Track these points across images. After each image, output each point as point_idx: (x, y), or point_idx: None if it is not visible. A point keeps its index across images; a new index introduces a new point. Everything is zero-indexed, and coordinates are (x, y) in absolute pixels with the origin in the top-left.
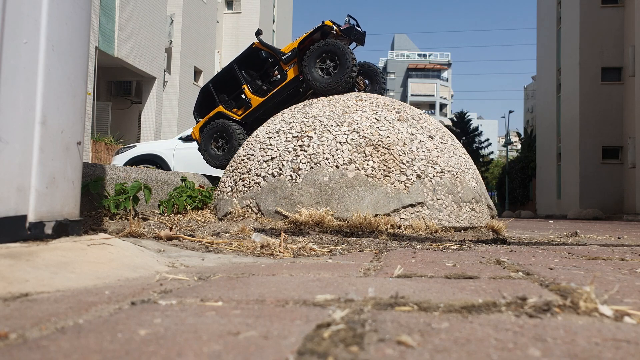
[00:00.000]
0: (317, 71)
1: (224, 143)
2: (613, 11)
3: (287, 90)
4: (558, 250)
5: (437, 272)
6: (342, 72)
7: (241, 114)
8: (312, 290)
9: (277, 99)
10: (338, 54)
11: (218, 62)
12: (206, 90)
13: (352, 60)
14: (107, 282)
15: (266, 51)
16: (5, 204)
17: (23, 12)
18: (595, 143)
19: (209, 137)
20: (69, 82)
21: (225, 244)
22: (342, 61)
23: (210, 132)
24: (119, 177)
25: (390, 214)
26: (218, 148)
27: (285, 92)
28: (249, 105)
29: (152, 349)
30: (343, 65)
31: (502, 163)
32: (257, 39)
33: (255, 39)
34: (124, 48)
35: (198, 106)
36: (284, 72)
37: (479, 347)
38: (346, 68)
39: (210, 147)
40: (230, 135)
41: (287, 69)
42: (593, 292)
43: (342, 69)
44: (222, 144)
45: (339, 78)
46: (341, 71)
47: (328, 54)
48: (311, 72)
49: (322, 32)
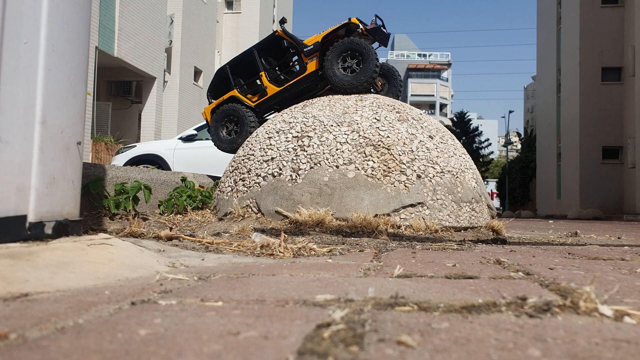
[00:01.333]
0: (338, 69)
1: (235, 127)
2: (613, 11)
3: (305, 83)
4: (558, 250)
5: (437, 272)
6: (364, 71)
7: (255, 101)
8: (312, 290)
9: (294, 90)
10: (362, 53)
11: (218, 62)
12: (222, 72)
13: (375, 60)
14: (107, 282)
15: (288, 41)
16: (5, 204)
17: (23, 12)
18: (595, 143)
19: (220, 120)
20: (69, 82)
21: (225, 244)
22: (365, 61)
23: (222, 115)
24: (119, 177)
25: (390, 214)
26: (229, 132)
27: (302, 85)
28: (264, 93)
29: (152, 349)
30: (366, 64)
31: (502, 163)
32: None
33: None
34: (124, 48)
35: (212, 87)
36: (304, 65)
37: (479, 347)
38: (368, 68)
39: (221, 130)
40: (242, 121)
41: (307, 62)
42: (593, 292)
43: (365, 69)
44: (232, 128)
45: (360, 77)
46: (363, 71)
47: (351, 52)
48: (332, 68)
49: (347, 29)
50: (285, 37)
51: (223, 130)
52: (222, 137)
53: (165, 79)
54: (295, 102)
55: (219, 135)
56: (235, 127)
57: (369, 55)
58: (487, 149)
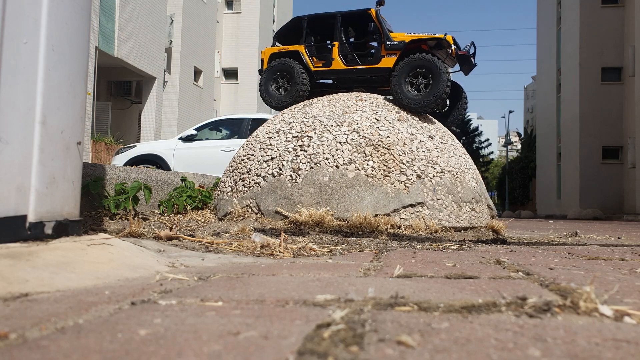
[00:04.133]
0: (406, 84)
1: (286, 85)
2: (613, 11)
3: (371, 74)
4: (558, 250)
5: (437, 272)
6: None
7: (317, 67)
8: (312, 290)
9: (357, 76)
10: (433, 73)
11: (218, 62)
12: (298, 22)
13: (447, 82)
14: (107, 282)
15: (376, 25)
16: (5, 204)
17: (23, 12)
18: (595, 143)
19: (271, 74)
20: (69, 82)
21: (225, 244)
22: (436, 81)
23: (274, 69)
24: (119, 177)
25: (390, 214)
26: (278, 88)
27: (367, 75)
28: (328, 64)
29: (152, 349)
30: (435, 86)
31: (502, 163)
32: (376, 7)
33: (375, 7)
34: (124, 48)
35: (283, 31)
36: (379, 56)
37: (479, 347)
38: (437, 90)
39: (270, 84)
40: (295, 80)
41: (384, 55)
42: (593, 292)
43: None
44: (283, 85)
45: (427, 98)
46: (431, 91)
47: (422, 69)
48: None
49: (437, 43)
50: (375, 19)
51: (273, 85)
52: (270, 91)
53: (165, 79)
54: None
55: (268, 89)
56: (287, 85)
57: (440, 77)
58: (487, 149)
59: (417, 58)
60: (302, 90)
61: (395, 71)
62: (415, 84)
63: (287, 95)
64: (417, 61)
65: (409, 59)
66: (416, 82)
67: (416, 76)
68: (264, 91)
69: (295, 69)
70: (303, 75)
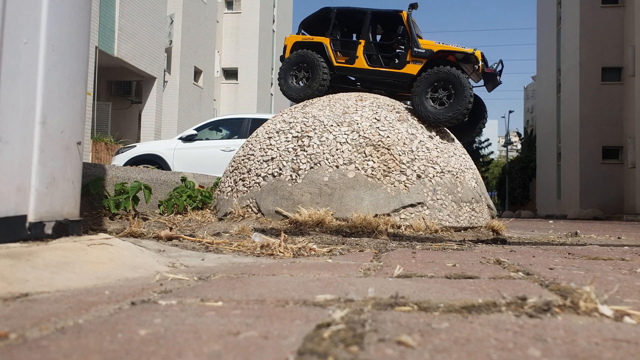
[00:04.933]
0: (427, 98)
1: (306, 76)
2: (613, 11)
3: (394, 78)
4: (558, 250)
5: (437, 272)
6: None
7: (339, 62)
8: (312, 290)
9: (379, 77)
10: (456, 87)
11: (218, 62)
12: (327, 12)
13: (469, 97)
14: (107, 282)
15: (405, 28)
16: (5, 204)
17: (23, 12)
18: (595, 143)
19: (291, 65)
20: (69, 82)
21: (225, 244)
22: (458, 96)
23: (295, 60)
24: (119, 177)
25: (390, 214)
26: (298, 79)
27: (389, 79)
28: (351, 61)
29: (152, 349)
30: (457, 100)
31: (502, 163)
32: (408, 11)
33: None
34: (124, 48)
35: (309, 20)
36: (404, 61)
37: (479, 347)
38: (459, 105)
39: (290, 74)
40: (315, 72)
41: (409, 61)
42: (593, 292)
43: (455, 104)
44: (303, 76)
45: (448, 113)
46: (453, 106)
47: (445, 82)
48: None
49: (464, 57)
50: (405, 23)
51: (292, 76)
52: (290, 83)
53: (165, 79)
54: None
55: (287, 80)
56: (306, 77)
57: (462, 91)
58: (487, 149)
59: (442, 71)
60: (322, 84)
61: (418, 81)
62: (437, 97)
63: (307, 88)
64: (442, 74)
65: (433, 71)
66: (438, 96)
67: (437, 89)
68: (283, 83)
69: (316, 62)
70: (324, 69)
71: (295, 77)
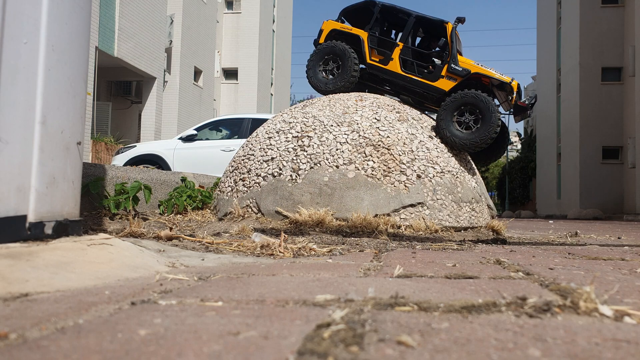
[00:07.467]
0: (453, 121)
1: (335, 68)
2: (613, 11)
3: (424, 89)
4: (558, 250)
5: (437, 272)
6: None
7: (372, 60)
8: (312, 290)
9: (408, 85)
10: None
11: (218, 62)
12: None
13: (497, 122)
14: (107, 282)
15: (447, 41)
16: (5, 204)
17: (23, 12)
18: (595, 143)
19: (321, 56)
20: (69, 82)
21: (225, 244)
22: (485, 121)
23: (325, 51)
24: (119, 177)
25: (390, 214)
26: (326, 72)
27: (419, 88)
28: (385, 62)
29: (152, 349)
30: (484, 125)
31: (502, 163)
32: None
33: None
34: (124, 48)
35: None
36: (439, 75)
37: (479, 347)
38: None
39: (319, 68)
40: (346, 65)
41: (444, 75)
42: (593, 292)
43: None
44: (332, 68)
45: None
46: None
47: (472, 106)
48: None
49: (500, 84)
50: (448, 35)
51: (321, 67)
52: (319, 75)
53: (165, 79)
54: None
55: (316, 73)
56: (335, 69)
57: (490, 117)
58: None
59: (469, 94)
60: (351, 79)
61: (446, 101)
62: (462, 121)
63: (336, 80)
64: (468, 97)
65: (463, 93)
66: (464, 120)
67: (464, 113)
68: (312, 74)
69: (347, 54)
70: (356, 63)
71: (325, 68)
